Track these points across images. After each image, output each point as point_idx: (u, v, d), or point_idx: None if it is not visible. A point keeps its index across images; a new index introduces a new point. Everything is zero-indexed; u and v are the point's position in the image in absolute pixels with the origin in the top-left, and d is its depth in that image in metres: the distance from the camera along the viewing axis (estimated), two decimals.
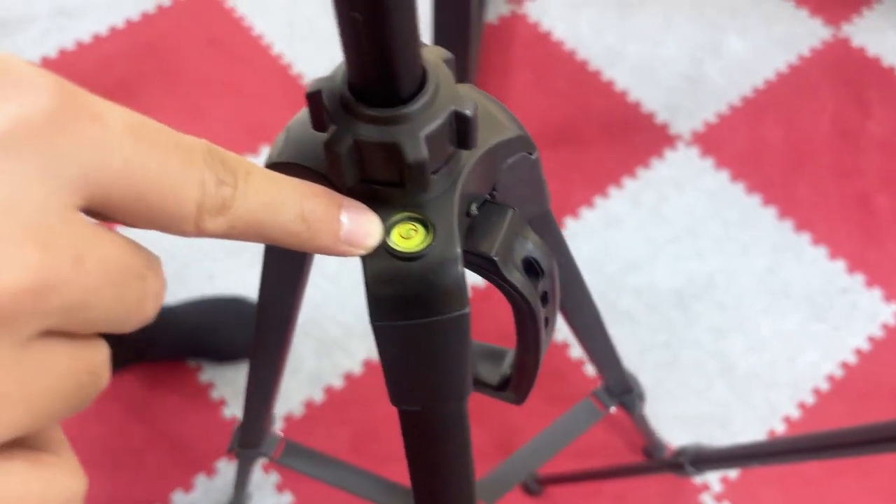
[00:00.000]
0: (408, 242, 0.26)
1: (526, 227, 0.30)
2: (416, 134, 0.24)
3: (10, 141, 0.15)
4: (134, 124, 0.17)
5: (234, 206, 0.19)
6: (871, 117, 1.37)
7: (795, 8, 1.51)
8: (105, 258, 0.16)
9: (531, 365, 0.34)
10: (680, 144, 1.34)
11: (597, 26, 1.47)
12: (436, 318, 0.26)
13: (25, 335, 0.15)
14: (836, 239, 1.25)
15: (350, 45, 0.23)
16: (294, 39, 1.45)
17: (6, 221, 0.14)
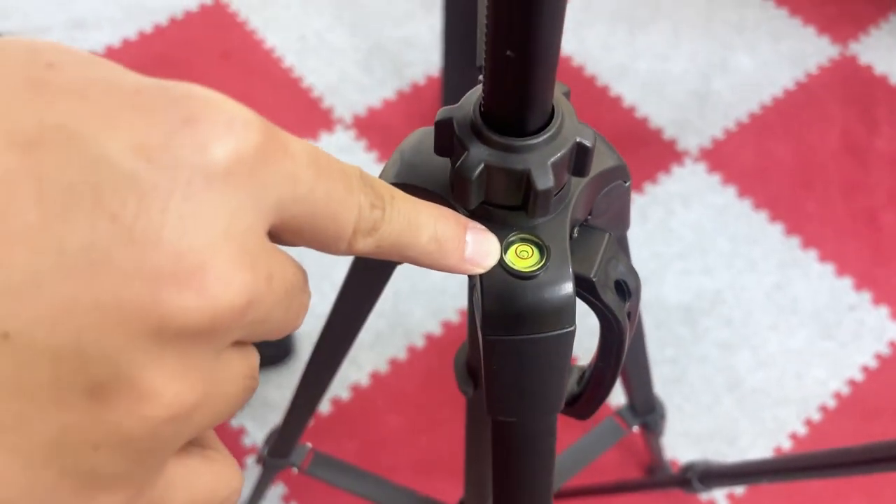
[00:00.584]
0: (523, 262, 0.27)
1: (618, 250, 0.32)
2: (546, 163, 0.26)
3: (228, 173, 0.16)
4: (313, 155, 0.19)
5: (381, 227, 0.21)
6: (878, 135, 1.38)
7: (803, 26, 1.51)
8: (285, 276, 0.18)
9: (609, 381, 0.35)
10: (687, 160, 1.35)
11: (605, 42, 1.48)
12: (545, 335, 0.28)
13: (224, 345, 0.17)
14: (844, 256, 1.25)
15: (497, 79, 0.25)
16: (305, 53, 1.46)
17: (227, 246, 0.16)
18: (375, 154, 1.34)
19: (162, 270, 0.15)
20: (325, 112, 1.39)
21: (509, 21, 0.22)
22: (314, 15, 1.51)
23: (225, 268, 0.16)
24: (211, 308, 0.16)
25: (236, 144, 0.17)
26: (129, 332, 0.15)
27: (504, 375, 0.30)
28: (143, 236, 0.15)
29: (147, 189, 0.15)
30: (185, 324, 0.16)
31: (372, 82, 1.43)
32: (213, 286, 0.16)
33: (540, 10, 0.22)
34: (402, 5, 1.53)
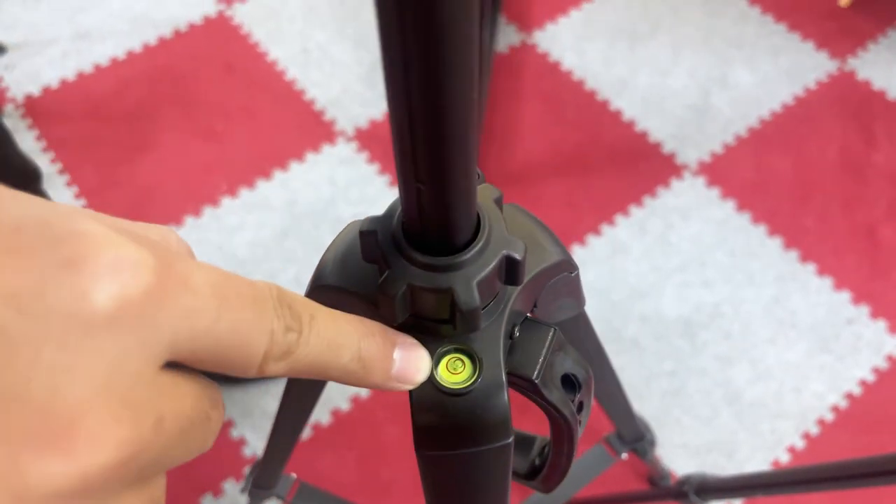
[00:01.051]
0: (455, 377, 0.26)
1: (565, 343, 0.30)
2: (470, 281, 0.25)
3: (112, 319, 0.15)
4: (217, 285, 0.18)
5: (297, 351, 0.20)
6: (876, 149, 1.39)
7: (801, 41, 1.53)
8: (180, 414, 0.17)
9: (564, 466, 0.35)
10: (686, 174, 1.36)
11: (606, 57, 1.49)
12: (481, 449, 0.27)
13: (112, 494, 0.16)
14: (842, 270, 1.26)
15: (411, 207, 0.24)
16: (308, 66, 1.47)
17: (104, 399, 0.15)
18: (377, 166, 1.35)
19: (26, 430, 0.14)
20: (327, 124, 1.40)
21: (415, 155, 0.21)
22: (317, 28, 1.53)
23: (99, 424, 0.15)
24: (79, 471, 0.15)
25: (121, 288, 0.16)
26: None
27: (441, 488, 0.29)
28: (8, 393, 0.14)
29: (15, 341, 0.14)
30: (51, 489, 0.15)
31: (374, 95, 1.44)
32: (82, 447, 0.15)
33: (445, 139, 0.20)
34: None
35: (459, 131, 0.20)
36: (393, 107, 0.20)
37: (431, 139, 0.20)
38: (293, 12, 1.54)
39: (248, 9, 1.55)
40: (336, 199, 1.32)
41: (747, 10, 1.57)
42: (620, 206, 1.32)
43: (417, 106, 0.19)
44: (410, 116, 0.20)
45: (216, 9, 1.54)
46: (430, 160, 0.21)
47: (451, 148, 0.21)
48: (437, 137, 0.20)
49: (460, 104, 0.19)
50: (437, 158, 0.21)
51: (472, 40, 0.18)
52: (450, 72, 0.18)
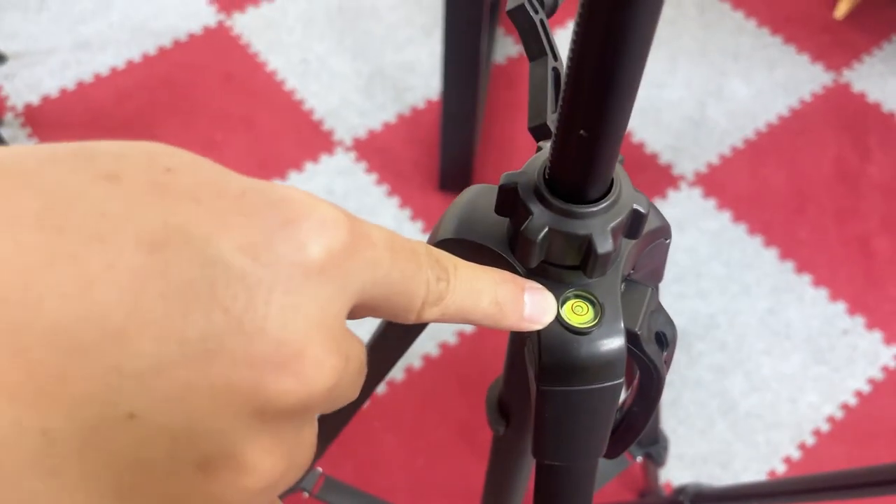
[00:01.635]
0: (579, 318, 0.29)
1: (659, 303, 0.33)
2: (606, 228, 0.28)
3: (322, 268, 0.18)
4: (388, 239, 0.21)
5: (446, 297, 0.23)
6: (871, 161, 1.40)
7: (797, 53, 1.54)
8: (359, 357, 0.20)
9: (642, 424, 0.37)
10: (683, 185, 1.36)
11: None
12: (596, 386, 0.30)
13: (308, 421, 0.19)
14: (837, 281, 1.27)
15: (566, 153, 0.26)
16: (307, 76, 1.48)
17: (320, 334, 0.18)
18: (375, 176, 1.36)
19: (266, 357, 0.17)
20: (325, 134, 1.41)
21: (586, 102, 0.24)
22: (316, 39, 1.54)
23: (319, 354, 0.18)
24: (306, 391, 0.18)
25: (329, 242, 0.19)
26: (235, 413, 0.17)
27: (555, 423, 0.32)
28: (251, 327, 0.17)
29: (253, 284, 0.17)
30: (284, 405, 0.17)
31: (372, 106, 1.45)
32: (309, 371, 0.18)
33: (616, 94, 0.24)
34: (403, 31, 1.55)
35: (628, 88, 0.24)
36: (577, 64, 0.23)
37: (608, 89, 0.24)
38: (292, 24, 1.55)
39: (247, 20, 1.56)
40: None
41: (743, 23, 1.58)
42: None
43: (600, 64, 0.23)
44: (594, 72, 0.23)
45: (216, 19, 1.55)
46: (599, 109, 0.24)
47: (620, 100, 0.24)
48: (614, 88, 0.23)
49: (634, 64, 0.23)
50: (606, 108, 0.24)
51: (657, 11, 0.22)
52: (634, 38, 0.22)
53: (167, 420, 0.16)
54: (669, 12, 1.59)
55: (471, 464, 1.10)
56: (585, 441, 0.33)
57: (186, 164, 0.18)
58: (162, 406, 0.16)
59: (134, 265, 0.16)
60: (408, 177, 1.37)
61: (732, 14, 1.60)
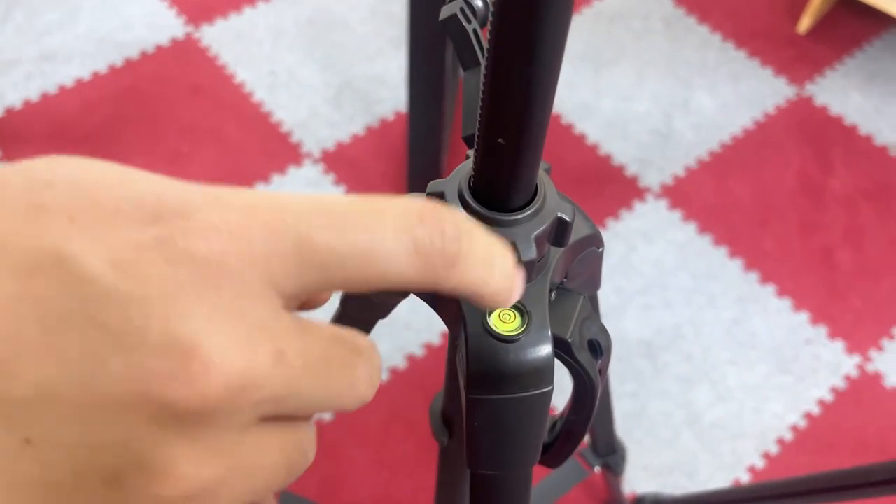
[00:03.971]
0: (506, 326, 0.29)
1: (592, 311, 0.33)
2: (529, 236, 0.28)
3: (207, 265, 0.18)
4: (312, 213, 0.19)
5: (459, 263, 0.20)
6: (833, 174, 1.42)
7: (761, 67, 1.56)
8: (306, 350, 0.19)
9: (579, 433, 0.37)
10: (649, 197, 1.38)
11: (570, 81, 1.52)
12: (526, 394, 0.30)
13: (242, 423, 0.18)
14: (801, 291, 1.28)
15: (488, 161, 0.27)
16: (275, 88, 1.48)
17: (214, 333, 0.17)
18: (343, 188, 1.36)
19: (149, 367, 0.17)
20: (293, 146, 1.41)
21: (502, 112, 0.24)
22: (285, 51, 1.53)
23: (210, 353, 0.17)
24: (199, 393, 0.17)
25: (208, 245, 0.18)
26: (131, 424, 0.17)
27: (486, 432, 0.32)
28: (129, 340, 0.17)
29: (125, 299, 0.17)
30: (180, 410, 0.17)
31: (341, 118, 1.45)
32: (198, 370, 0.17)
33: (531, 103, 0.24)
34: (372, 43, 1.55)
35: (542, 97, 0.24)
36: (492, 74, 0.24)
37: (523, 98, 0.24)
38: (261, 36, 1.55)
39: (216, 31, 1.55)
40: None
41: (709, 37, 1.61)
42: None
43: (518, 72, 0.23)
44: (509, 81, 0.23)
45: (184, 31, 1.55)
46: (517, 116, 0.24)
47: (536, 107, 0.24)
48: (529, 97, 0.24)
49: (547, 74, 0.23)
50: (523, 115, 0.24)
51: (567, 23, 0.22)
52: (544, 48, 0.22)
53: (63, 440, 0.16)
54: (636, 26, 1.61)
55: None
56: (517, 449, 0.33)
57: (66, 179, 0.18)
58: (55, 428, 0.16)
59: (9, 293, 0.16)
60: (376, 188, 1.36)
61: (698, 28, 1.62)
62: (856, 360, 1.22)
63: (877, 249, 1.33)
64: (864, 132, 1.48)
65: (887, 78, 1.56)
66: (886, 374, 1.20)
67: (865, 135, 1.47)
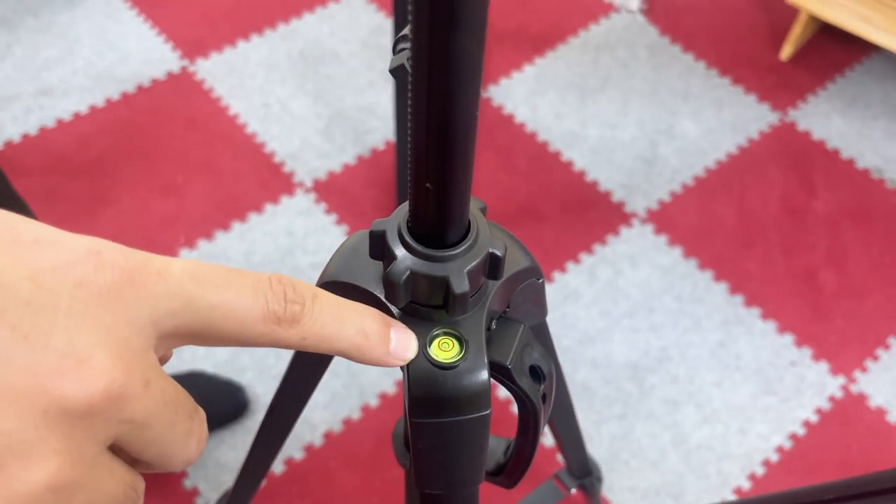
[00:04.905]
0: (445, 354, 0.31)
1: (532, 338, 0.35)
2: (462, 271, 0.30)
3: (100, 300, 0.22)
4: (193, 271, 0.24)
5: (303, 320, 0.25)
6: (816, 197, 1.44)
7: (745, 94, 1.60)
8: (165, 389, 0.23)
9: (528, 454, 0.39)
10: (635, 222, 1.40)
11: (557, 110, 1.55)
12: (464, 418, 0.32)
13: (103, 438, 0.22)
14: (785, 313, 1.30)
15: (419, 205, 0.29)
16: (268, 120, 1.51)
17: (102, 349, 0.21)
18: (335, 216, 1.39)
19: (49, 365, 0.20)
20: (286, 176, 1.44)
21: (427, 160, 0.27)
22: (278, 84, 1.57)
23: (99, 363, 0.21)
24: (86, 391, 0.21)
25: (101, 280, 0.22)
26: (21, 414, 0.20)
27: (429, 453, 0.34)
28: (36, 341, 0.20)
29: (38, 306, 0.21)
30: (68, 405, 0.20)
31: (333, 148, 1.48)
32: (87, 376, 0.21)
33: (453, 153, 0.27)
34: (363, 75, 1.59)
35: (462, 146, 0.27)
36: (415, 129, 0.26)
37: (442, 150, 0.27)
38: (254, 69, 1.59)
39: (210, 65, 1.59)
40: (294, 249, 1.34)
41: (693, 64, 1.64)
42: (571, 253, 1.36)
43: (435, 128, 0.26)
44: (428, 136, 0.26)
45: (179, 65, 1.59)
46: (440, 166, 0.27)
47: (456, 157, 0.27)
48: (447, 149, 0.27)
49: (465, 126, 0.26)
50: (445, 164, 0.27)
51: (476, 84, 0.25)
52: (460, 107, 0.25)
53: None
54: (622, 54, 1.64)
55: None
56: (460, 470, 0.35)
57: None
58: None
59: None
60: (367, 216, 1.39)
61: (682, 56, 1.65)
62: (840, 381, 1.23)
63: (860, 271, 1.35)
64: (846, 156, 1.51)
65: (868, 102, 1.59)
66: (871, 395, 1.22)
67: (847, 158, 1.50)
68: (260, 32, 1.65)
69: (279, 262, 1.32)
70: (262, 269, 1.31)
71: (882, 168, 1.49)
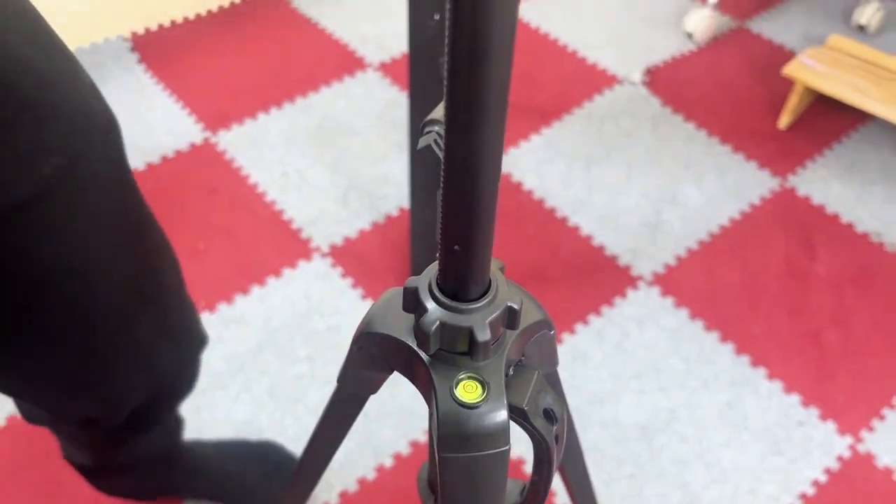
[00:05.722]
0: (469, 395, 0.36)
1: (546, 384, 0.40)
2: (484, 321, 0.35)
3: None
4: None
5: None
6: (817, 260, 1.48)
7: (745, 161, 1.65)
8: None
9: (543, 492, 0.43)
10: (642, 284, 1.44)
11: (564, 178, 1.61)
12: (486, 453, 0.36)
13: None
14: (791, 374, 1.32)
15: (448, 265, 0.34)
16: (287, 189, 1.58)
17: None
18: (350, 280, 1.43)
19: None
20: (303, 242, 1.49)
21: (456, 227, 0.32)
22: (297, 155, 1.64)
23: None
24: None
25: None
26: None
27: (455, 487, 0.38)
28: None
29: None
30: None
31: (349, 215, 1.54)
32: None
33: (477, 221, 0.32)
34: (378, 146, 1.66)
35: (485, 215, 0.32)
36: (446, 202, 0.32)
37: (469, 219, 0.32)
38: (274, 141, 1.67)
39: (232, 137, 1.67)
40: (311, 312, 1.39)
41: (694, 133, 1.71)
42: (580, 315, 1.40)
43: (464, 202, 0.31)
44: (458, 208, 0.32)
45: (202, 136, 1.66)
46: (466, 232, 0.32)
47: (480, 225, 0.33)
48: (472, 218, 0.32)
49: (487, 200, 0.32)
50: (471, 230, 0.32)
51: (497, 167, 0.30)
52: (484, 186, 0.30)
53: None
54: (626, 124, 1.71)
55: None
56: (482, 501, 0.39)
57: None
58: None
59: None
60: (381, 280, 1.44)
61: (684, 125, 1.72)
62: (848, 441, 1.25)
63: (863, 331, 1.38)
64: (845, 220, 1.55)
65: (865, 168, 1.64)
66: (878, 455, 1.23)
67: (847, 222, 1.55)
68: (279, 106, 1.74)
69: (296, 326, 1.37)
70: (280, 332, 1.35)
71: (881, 232, 1.53)
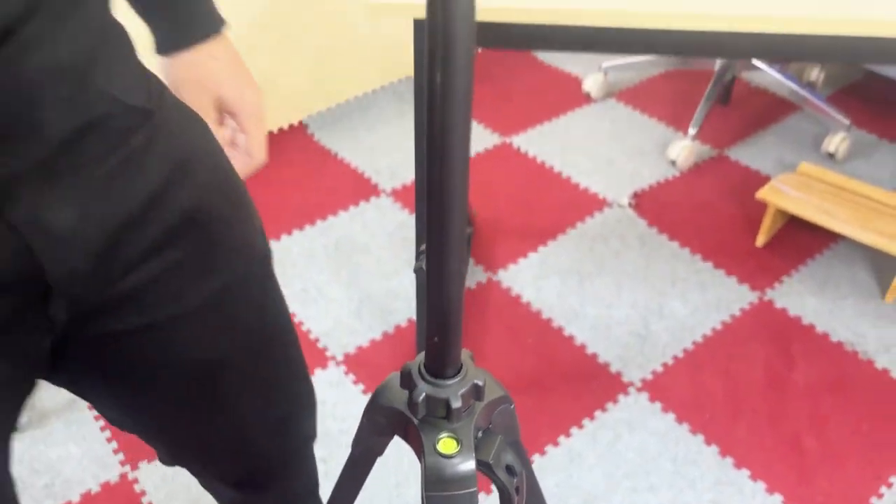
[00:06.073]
0: (448, 448, 0.49)
1: (507, 447, 0.54)
2: (457, 393, 0.49)
3: None
4: None
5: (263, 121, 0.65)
6: (795, 369, 1.60)
7: (726, 276, 1.80)
8: None
9: None
10: (631, 390, 1.56)
11: (559, 291, 1.76)
12: (459, 492, 0.49)
13: None
14: (772, 475, 1.42)
15: (430, 352, 0.48)
16: (307, 303, 1.73)
17: None
18: (362, 386, 1.56)
19: None
20: (320, 351, 1.63)
21: (435, 325, 0.46)
22: (316, 272, 1.81)
23: None
24: None
25: None
26: None
27: None
28: None
29: None
30: None
31: (362, 326, 1.68)
32: None
33: (450, 322, 0.46)
34: (390, 264, 1.83)
35: (454, 320, 0.46)
36: (429, 308, 0.45)
37: (443, 323, 0.46)
38: (295, 259, 1.83)
39: None
40: (325, 416, 1.51)
41: (678, 251, 1.87)
42: (575, 419, 1.51)
43: (438, 312, 0.45)
44: (435, 314, 0.45)
45: None
46: (441, 331, 0.47)
47: (451, 327, 0.46)
48: (445, 322, 0.46)
49: (456, 311, 0.45)
50: (445, 330, 0.46)
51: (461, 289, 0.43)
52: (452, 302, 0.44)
53: None
54: (615, 244, 1.88)
55: None
56: None
57: None
58: None
59: None
60: None
61: (669, 244, 1.88)
62: None
63: (840, 436, 1.48)
64: (820, 331, 1.68)
65: (837, 283, 1.78)
66: None
67: (822, 333, 1.67)
68: (301, 228, 1.92)
69: None
70: None
71: (854, 342, 1.66)
